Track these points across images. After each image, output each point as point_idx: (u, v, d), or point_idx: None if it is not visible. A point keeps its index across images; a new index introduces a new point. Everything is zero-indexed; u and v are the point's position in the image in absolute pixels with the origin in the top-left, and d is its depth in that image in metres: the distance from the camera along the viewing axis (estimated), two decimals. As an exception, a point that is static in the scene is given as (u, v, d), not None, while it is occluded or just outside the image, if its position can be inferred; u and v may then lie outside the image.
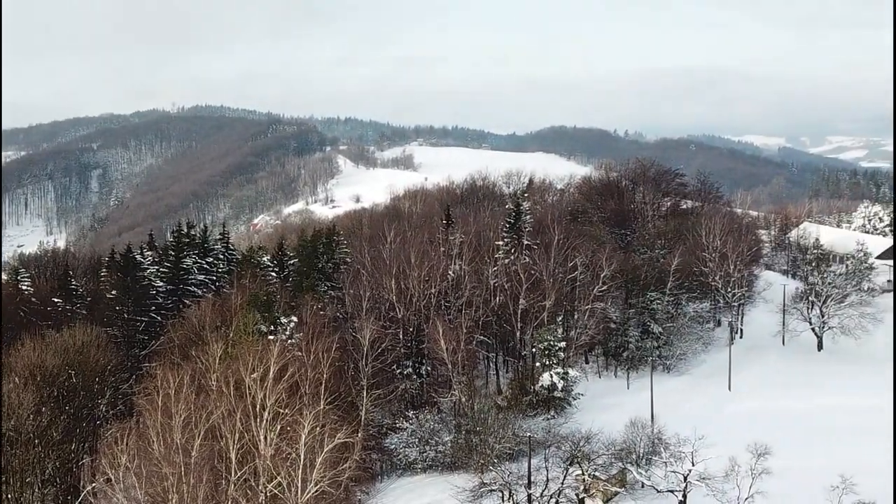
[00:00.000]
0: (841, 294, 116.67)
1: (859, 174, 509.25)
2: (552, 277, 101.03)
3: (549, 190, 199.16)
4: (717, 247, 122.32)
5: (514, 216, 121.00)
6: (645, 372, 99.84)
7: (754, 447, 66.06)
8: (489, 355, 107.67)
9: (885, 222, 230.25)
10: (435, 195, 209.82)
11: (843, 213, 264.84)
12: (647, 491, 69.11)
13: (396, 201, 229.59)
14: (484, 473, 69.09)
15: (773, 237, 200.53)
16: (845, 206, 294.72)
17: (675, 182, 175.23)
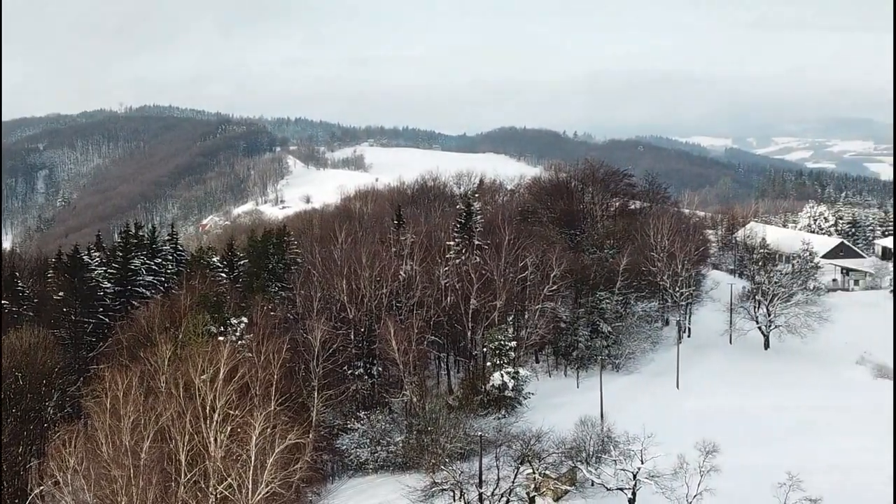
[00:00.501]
0: (787, 293, 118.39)
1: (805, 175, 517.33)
2: (503, 277, 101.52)
3: (500, 190, 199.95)
4: (665, 246, 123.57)
5: (464, 216, 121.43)
6: (594, 371, 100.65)
7: (702, 445, 66.91)
8: (440, 355, 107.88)
9: (830, 222, 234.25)
10: (386, 196, 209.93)
11: (789, 214, 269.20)
12: (597, 489, 69.70)
13: (347, 202, 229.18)
14: (435, 473, 69.17)
15: (721, 237, 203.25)
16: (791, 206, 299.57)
17: (624, 182, 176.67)
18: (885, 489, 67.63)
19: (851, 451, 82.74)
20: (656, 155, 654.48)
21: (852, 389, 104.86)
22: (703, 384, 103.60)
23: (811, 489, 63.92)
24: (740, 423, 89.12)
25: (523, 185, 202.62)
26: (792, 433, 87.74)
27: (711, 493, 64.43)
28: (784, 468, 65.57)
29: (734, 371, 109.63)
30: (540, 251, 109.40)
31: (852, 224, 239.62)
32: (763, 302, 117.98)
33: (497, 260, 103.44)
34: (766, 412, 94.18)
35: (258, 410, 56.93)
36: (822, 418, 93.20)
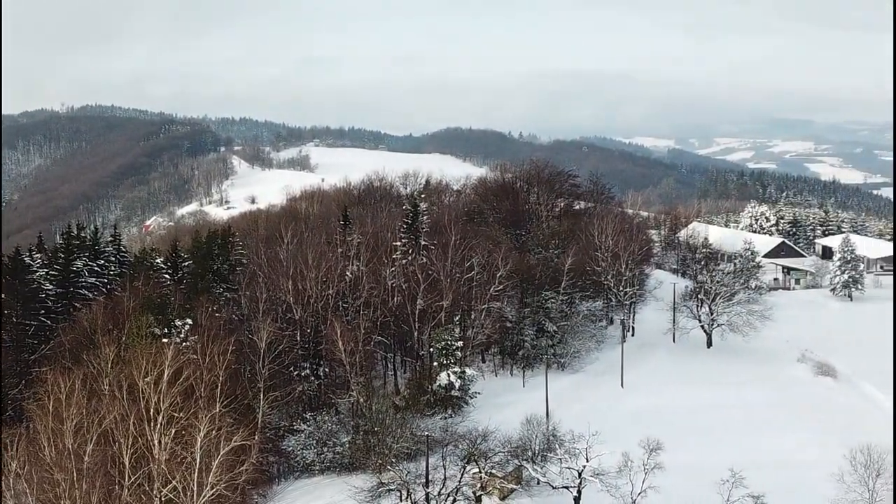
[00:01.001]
0: (729, 292, 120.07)
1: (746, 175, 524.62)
2: (449, 277, 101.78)
3: (446, 191, 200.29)
4: (610, 246, 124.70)
5: (411, 217, 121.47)
6: (540, 370, 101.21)
7: (647, 443, 67.71)
8: (387, 356, 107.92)
9: (772, 222, 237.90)
10: (332, 196, 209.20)
11: (731, 213, 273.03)
12: (543, 487, 70.16)
13: (293, 202, 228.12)
14: (382, 473, 69.20)
15: (664, 237, 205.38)
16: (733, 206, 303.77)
17: (569, 183, 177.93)
18: (825, 485, 68.75)
19: (793, 447, 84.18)
20: (600, 155, 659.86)
21: (794, 387, 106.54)
22: (646, 382, 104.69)
23: (754, 486, 64.95)
24: (684, 421, 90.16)
25: (469, 185, 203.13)
26: (734, 430, 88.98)
27: (655, 491, 65.22)
28: (727, 465, 66.51)
29: (677, 369, 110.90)
30: (486, 251, 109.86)
31: (793, 224, 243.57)
32: (706, 301, 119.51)
33: (444, 260, 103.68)
34: (709, 410, 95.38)
35: (203, 412, 56.55)
36: (765, 415, 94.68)
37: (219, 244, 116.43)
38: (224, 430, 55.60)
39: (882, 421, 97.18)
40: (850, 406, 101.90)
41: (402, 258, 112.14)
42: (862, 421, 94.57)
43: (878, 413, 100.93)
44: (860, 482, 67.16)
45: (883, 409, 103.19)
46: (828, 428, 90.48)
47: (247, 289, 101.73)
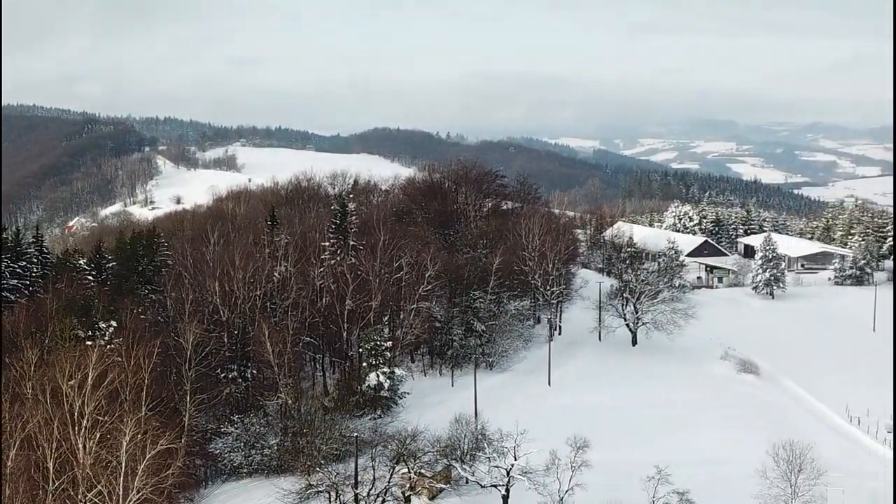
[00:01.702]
0: (654, 291, 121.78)
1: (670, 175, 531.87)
2: (378, 278, 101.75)
3: (375, 191, 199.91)
4: (537, 246, 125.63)
5: (339, 217, 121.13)
6: (469, 369, 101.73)
7: (574, 441, 68.50)
8: (316, 357, 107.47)
9: (695, 221, 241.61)
10: (259, 196, 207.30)
11: (655, 213, 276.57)
12: (472, 486, 70.55)
13: (219, 202, 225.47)
14: (310, 475, 68.96)
15: (590, 236, 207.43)
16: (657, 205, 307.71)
17: (496, 183, 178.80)
18: (749, 481, 70.16)
19: (718, 444, 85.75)
20: (527, 156, 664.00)
21: (717, 384, 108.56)
22: (573, 381, 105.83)
23: (679, 482, 66.05)
24: (610, 419, 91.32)
25: (398, 185, 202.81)
26: (660, 428, 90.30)
27: (582, 488, 66.02)
28: (653, 462, 67.52)
29: (603, 367, 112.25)
30: (415, 251, 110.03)
31: (716, 223, 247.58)
32: (631, 299, 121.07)
33: (372, 260, 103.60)
34: (634, 407, 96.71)
35: (129, 416, 55.93)
36: (689, 413, 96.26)
37: (144, 245, 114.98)
38: (150, 434, 55.03)
39: (803, 417, 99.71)
40: (772, 402, 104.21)
41: (330, 259, 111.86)
42: (784, 417, 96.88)
43: (799, 409, 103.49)
44: (783, 478, 68.70)
45: (803, 405, 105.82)
46: (751, 424, 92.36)
47: (172, 290, 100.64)
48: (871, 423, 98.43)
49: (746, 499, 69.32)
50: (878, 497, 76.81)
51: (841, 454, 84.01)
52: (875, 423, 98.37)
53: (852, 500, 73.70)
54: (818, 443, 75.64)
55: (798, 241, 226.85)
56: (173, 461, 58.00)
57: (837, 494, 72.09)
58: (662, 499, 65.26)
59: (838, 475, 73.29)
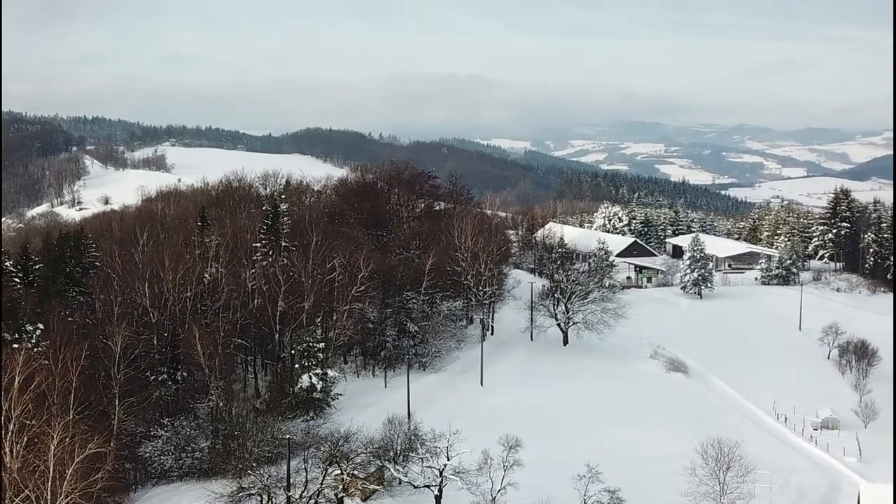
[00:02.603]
0: (584, 291, 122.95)
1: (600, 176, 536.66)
2: (311, 279, 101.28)
3: (307, 191, 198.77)
4: (469, 247, 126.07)
5: (271, 218, 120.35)
6: (402, 370, 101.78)
7: (506, 440, 68.97)
8: (248, 359, 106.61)
9: (624, 222, 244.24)
10: (189, 197, 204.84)
11: (586, 214, 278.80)
12: (405, 487, 70.73)
13: (148, 203, 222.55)
14: (242, 478, 68.51)
15: (521, 237, 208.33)
16: (587, 206, 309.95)
17: (429, 184, 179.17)
18: (678, 479, 71.24)
19: (648, 442, 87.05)
20: (459, 157, 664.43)
21: (647, 382, 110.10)
22: (506, 380, 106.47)
23: (610, 480, 66.90)
24: (542, 418, 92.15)
25: (330, 186, 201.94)
26: (591, 426, 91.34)
27: (515, 487, 66.52)
28: (584, 460, 68.31)
29: (535, 367, 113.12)
30: (348, 252, 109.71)
31: (645, 224, 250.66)
32: (562, 299, 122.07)
33: (305, 261, 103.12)
34: (566, 406, 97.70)
35: (56, 419, 55.09)
36: (620, 411, 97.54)
37: (71, 247, 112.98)
38: (78, 438, 54.20)
39: (731, 415, 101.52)
40: (700, 400, 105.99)
41: (262, 260, 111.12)
42: (712, 415, 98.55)
43: (727, 407, 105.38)
44: (711, 475, 69.95)
45: (731, 403, 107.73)
46: (680, 422, 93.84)
47: (101, 292, 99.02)
48: (798, 421, 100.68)
49: (676, 496, 70.39)
50: (805, 493, 78.61)
51: (768, 451, 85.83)
52: (801, 420, 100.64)
53: (780, 496, 75.39)
54: (746, 440, 77.25)
55: (725, 241, 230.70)
56: (102, 465, 57.25)
57: (765, 491, 73.67)
58: (593, 497, 65.98)
59: (766, 472, 74.92)
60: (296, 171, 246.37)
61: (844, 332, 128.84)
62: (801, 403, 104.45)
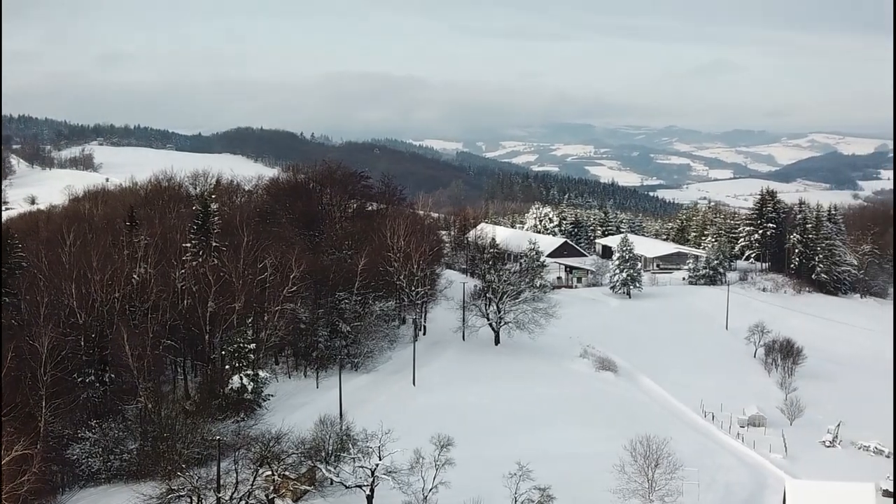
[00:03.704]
0: (515, 291, 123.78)
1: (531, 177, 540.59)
2: (242, 279, 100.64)
3: (237, 191, 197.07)
4: (402, 247, 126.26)
5: (201, 217, 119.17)
6: (334, 371, 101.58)
7: (437, 439, 69.31)
8: (177, 360, 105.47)
9: (555, 222, 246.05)
10: (118, 196, 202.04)
11: (517, 214, 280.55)
12: (337, 487, 70.72)
13: (76, 203, 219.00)
14: (172, 480, 67.87)
15: (454, 237, 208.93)
16: (518, 207, 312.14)
17: (361, 184, 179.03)
18: (608, 476, 72.22)
19: (578, 440, 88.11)
20: (392, 157, 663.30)
21: (577, 381, 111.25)
22: (438, 380, 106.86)
23: (541, 478, 67.55)
24: (473, 417, 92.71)
25: (261, 185, 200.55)
26: (522, 424, 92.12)
27: (446, 486, 66.92)
28: (515, 458, 68.96)
29: (467, 366, 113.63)
30: (279, 252, 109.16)
31: (575, 224, 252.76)
32: (494, 299, 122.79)
33: (236, 262, 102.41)
34: (497, 405, 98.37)
35: (-19, 423, 54.14)
36: (551, 410, 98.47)
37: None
38: (3, 440, 53.33)
39: (659, 413, 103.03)
40: (629, 399, 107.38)
41: (192, 260, 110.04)
42: (641, 413, 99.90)
43: (655, 405, 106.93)
44: (640, 472, 71.07)
45: (660, 402, 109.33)
46: (610, 420, 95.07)
47: (27, 293, 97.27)
48: (725, 419, 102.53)
49: (605, 493, 71.38)
50: (731, 490, 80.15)
51: (696, 449, 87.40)
52: (728, 418, 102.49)
53: (707, 493, 76.78)
54: (674, 438, 78.53)
55: (654, 241, 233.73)
56: (28, 467, 56.44)
57: (693, 488, 74.93)
58: (524, 495, 66.57)
59: (693, 469, 76.33)
60: (226, 170, 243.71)
61: (770, 332, 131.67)
62: (727, 401, 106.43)
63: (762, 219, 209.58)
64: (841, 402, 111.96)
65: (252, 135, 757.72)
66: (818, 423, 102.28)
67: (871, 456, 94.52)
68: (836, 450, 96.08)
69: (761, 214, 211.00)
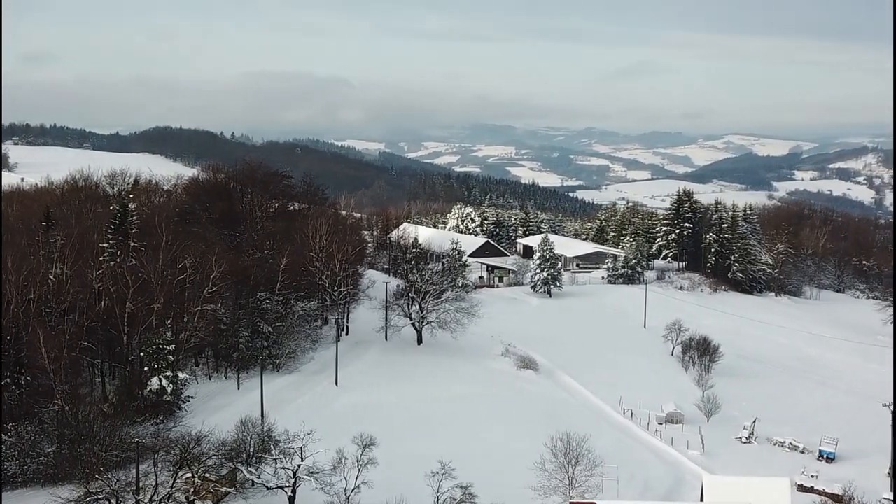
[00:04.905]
0: (438, 290, 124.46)
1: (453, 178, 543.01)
2: (161, 280, 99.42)
3: (156, 191, 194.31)
4: (324, 247, 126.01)
5: (119, 217, 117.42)
6: (255, 372, 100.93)
7: (360, 439, 69.44)
8: (95, 362, 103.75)
9: (477, 222, 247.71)
10: (33, 196, 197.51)
11: (439, 215, 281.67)
12: (258, 489, 70.31)
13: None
14: (90, 483, 66.90)
15: (376, 237, 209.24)
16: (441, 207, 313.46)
17: (283, 184, 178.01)
18: (529, 473, 73.04)
19: (500, 438, 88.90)
20: (314, 157, 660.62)
21: (499, 380, 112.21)
22: (360, 380, 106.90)
23: (463, 476, 68.06)
24: (397, 416, 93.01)
25: (181, 185, 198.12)
26: (444, 423, 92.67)
27: (369, 486, 67.12)
28: (437, 457, 69.31)
29: (390, 366, 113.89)
30: (199, 253, 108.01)
31: (497, 224, 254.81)
32: (416, 299, 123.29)
33: (154, 262, 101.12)
34: (420, 404, 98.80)
35: None
36: (473, 408, 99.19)
37: None
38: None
39: (579, 410, 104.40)
40: (550, 397, 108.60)
41: (110, 260, 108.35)
42: (561, 410, 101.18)
43: (575, 403, 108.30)
44: (561, 469, 72.08)
45: (580, 399, 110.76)
46: (531, 418, 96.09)
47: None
48: (643, 416, 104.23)
49: (526, 490, 72.16)
50: (650, 486, 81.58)
51: (616, 445, 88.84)
52: (647, 415, 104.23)
53: (626, 489, 78.05)
54: (594, 435, 79.76)
55: (574, 241, 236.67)
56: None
57: (612, 484, 76.18)
58: (446, 493, 66.99)
59: (613, 466, 77.63)
60: (145, 169, 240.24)
61: (687, 330, 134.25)
62: (646, 398, 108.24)
63: (679, 219, 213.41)
64: (756, 398, 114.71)
65: (171, 134, 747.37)
66: (734, 419, 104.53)
67: (787, 452, 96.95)
68: (752, 446, 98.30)
69: (678, 214, 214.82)
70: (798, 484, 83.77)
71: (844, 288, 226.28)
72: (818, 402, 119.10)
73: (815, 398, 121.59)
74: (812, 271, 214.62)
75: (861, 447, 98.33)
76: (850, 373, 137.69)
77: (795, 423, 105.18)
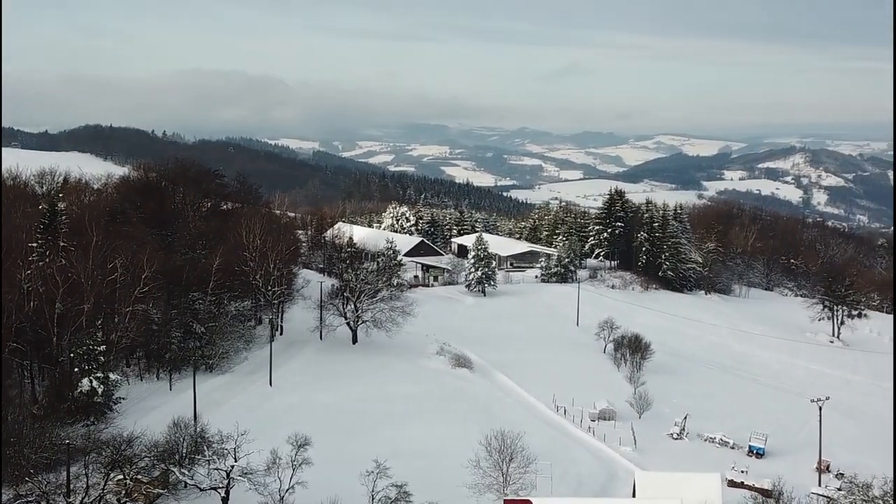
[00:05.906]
0: (373, 290, 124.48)
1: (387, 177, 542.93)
2: (91, 280, 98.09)
3: (87, 190, 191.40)
4: (258, 246, 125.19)
5: (48, 217, 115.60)
6: (188, 372, 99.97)
7: (294, 439, 69.30)
8: (24, 363, 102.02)
9: (412, 222, 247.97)
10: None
11: (374, 214, 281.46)
12: (191, 490, 69.85)
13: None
14: (19, 485, 65.97)
15: (311, 236, 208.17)
16: (376, 207, 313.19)
17: (216, 183, 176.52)
18: (464, 471, 73.49)
19: (435, 436, 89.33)
20: (247, 156, 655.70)
21: (434, 378, 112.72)
22: (295, 380, 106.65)
23: (398, 475, 68.30)
24: (332, 416, 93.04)
25: (111, 184, 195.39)
26: (379, 422, 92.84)
27: (304, 486, 67.09)
28: (372, 456, 69.50)
29: (325, 366, 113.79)
30: (130, 252, 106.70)
31: (431, 224, 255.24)
32: (351, 298, 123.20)
33: (85, 262, 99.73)
34: (355, 404, 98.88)
35: None
36: (407, 407, 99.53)
37: None
38: None
39: (513, 408, 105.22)
40: (484, 395, 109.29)
41: (38, 260, 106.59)
42: (495, 408, 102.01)
43: (509, 401, 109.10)
44: (495, 467, 72.64)
45: (514, 397, 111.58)
46: (465, 416, 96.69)
47: None
48: (577, 413, 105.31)
49: (461, 488, 72.57)
50: (584, 482, 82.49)
51: (549, 443, 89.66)
52: (580, 412, 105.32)
53: (560, 485, 78.83)
54: (528, 432, 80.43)
55: (508, 240, 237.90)
56: None
57: (546, 481, 76.92)
58: (382, 492, 67.17)
59: (547, 463, 78.38)
60: (74, 168, 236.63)
61: (619, 327, 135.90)
62: (579, 396, 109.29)
63: (611, 218, 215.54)
64: (687, 395, 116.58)
65: (102, 133, 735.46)
66: (666, 416, 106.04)
67: (717, 447, 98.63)
68: (684, 442, 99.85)
69: (610, 214, 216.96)
70: (728, 479, 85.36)
71: (773, 286, 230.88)
72: (748, 399, 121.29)
73: (746, 395, 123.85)
74: (741, 270, 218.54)
75: (790, 443, 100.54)
76: (779, 369, 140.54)
77: (726, 419, 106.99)
